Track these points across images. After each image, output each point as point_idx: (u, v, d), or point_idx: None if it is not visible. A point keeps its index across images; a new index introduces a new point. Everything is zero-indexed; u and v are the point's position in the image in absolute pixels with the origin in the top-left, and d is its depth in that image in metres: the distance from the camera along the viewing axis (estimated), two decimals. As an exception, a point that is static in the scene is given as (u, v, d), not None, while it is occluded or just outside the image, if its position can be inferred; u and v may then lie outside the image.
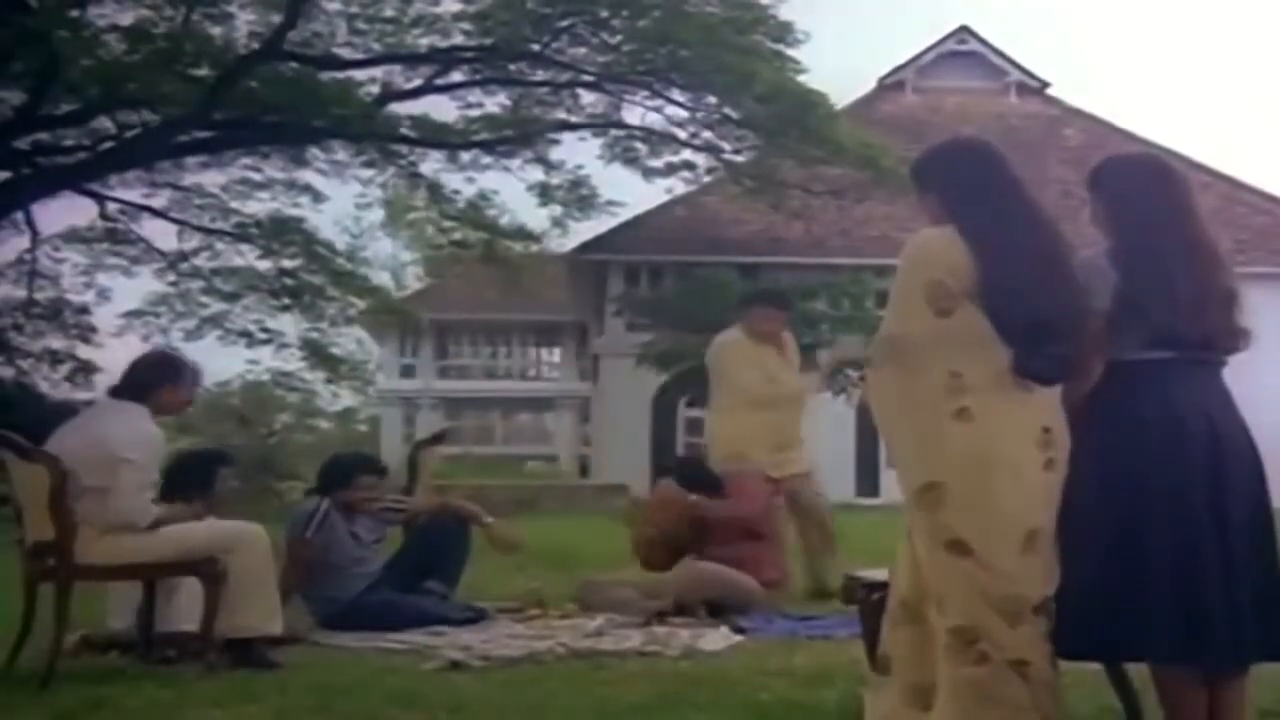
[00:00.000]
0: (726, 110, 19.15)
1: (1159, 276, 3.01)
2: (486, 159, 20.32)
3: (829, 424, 20.65)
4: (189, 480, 5.39)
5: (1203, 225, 3.14)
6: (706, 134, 19.96)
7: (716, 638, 5.20)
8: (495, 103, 19.95)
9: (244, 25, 17.92)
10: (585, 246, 23.60)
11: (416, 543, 6.25)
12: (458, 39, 18.82)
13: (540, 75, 19.46)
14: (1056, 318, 2.98)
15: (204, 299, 21.10)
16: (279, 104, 17.42)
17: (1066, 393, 3.06)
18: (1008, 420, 2.96)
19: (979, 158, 3.21)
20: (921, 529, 3.01)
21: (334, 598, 5.78)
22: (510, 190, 21.54)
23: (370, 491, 6.06)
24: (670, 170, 20.46)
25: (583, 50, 18.77)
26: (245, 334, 21.13)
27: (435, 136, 19.55)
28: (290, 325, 21.60)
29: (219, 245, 21.08)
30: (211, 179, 20.52)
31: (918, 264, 3.06)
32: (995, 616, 2.90)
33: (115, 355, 18.54)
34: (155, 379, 4.71)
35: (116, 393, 4.73)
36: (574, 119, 20.15)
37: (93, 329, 20.87)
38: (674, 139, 19.99)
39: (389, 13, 18.55)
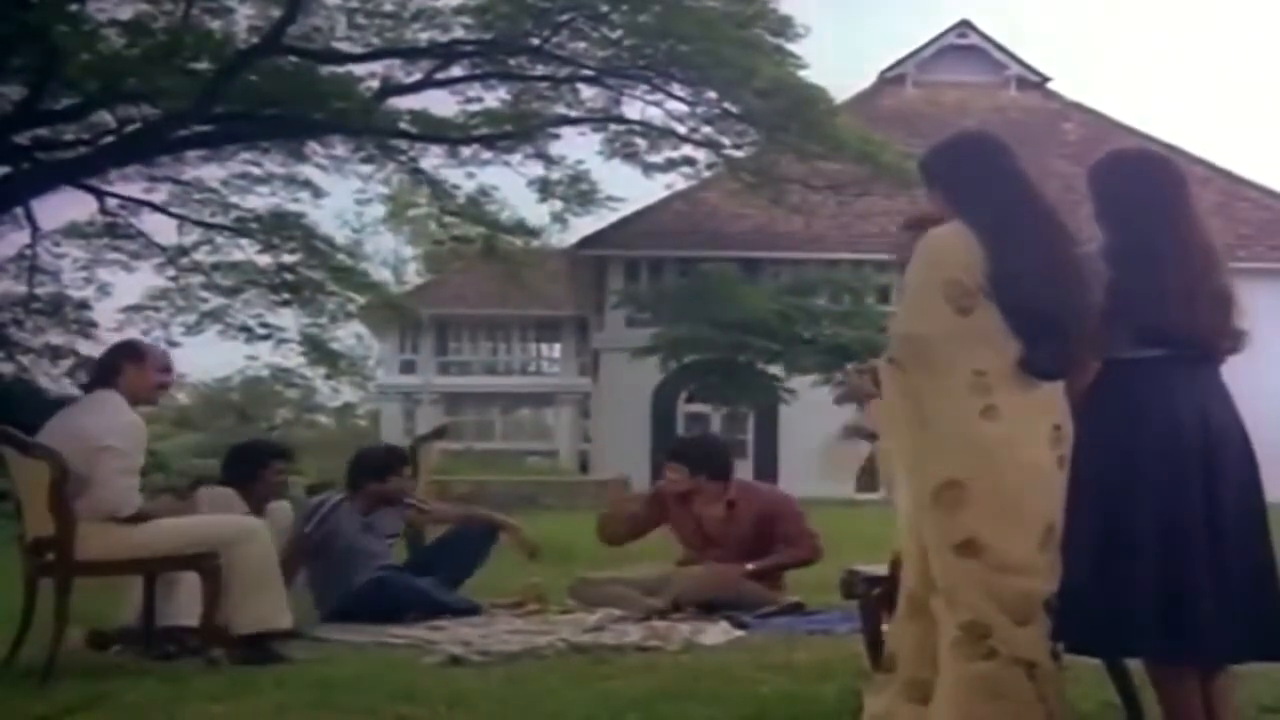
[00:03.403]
0: (726, 105, 19.17)
1: (1150, 275, 2.99)
2: (486, 154, 20.33)
3: (829, 421, 20.71)
4: (239, 471, 5.45)
5: (1198, 223, 3.13)
6: (706, 129, 19.98)
7: (716, 633, 5.20)
8: (495, 97, 19.98)
9: (243, 19, 17.95)
10: (585, 242, 23.61)
11: (433, 549, 6.28)
12: (458, 33, 18.82)
13: (540, 70, 19.46)
14: (1062, 312, 2.98)
15: (204, 294, 21.11)
16: (278, 98, 17.43)
17: (1065, 390, 3.06)
18: (1029, 417, 2.97)
19: (986, 151, 3.21)
20: (936, 525, 2.99)
21: (337, 589, 5.80)
22: (510, 185, 21.56)
23: (404, 482, 6.15)
24: (670, 165, 20.48)
25: (582, 45, 18.78)
26: (245, 329, 21.14)
27: (435, 131, 19.55)
28: (290, 320, 21.64)
29: (219, 240, 21.07)
30: (211, 173, 20.54)
31: (934, 263, 3.05)
32: (1006, 614, 2.90)
33: (115, 350, 18.52)
34: (116, 361, 4.73)
35: (88, 387, 4.80)
36: (574, 114, 20.16)
37: (93, 324, 20.89)
38: (674, 134, 20.01)
39: (388, 7, 18.56)
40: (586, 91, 19.95)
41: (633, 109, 19.93)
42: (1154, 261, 3.00)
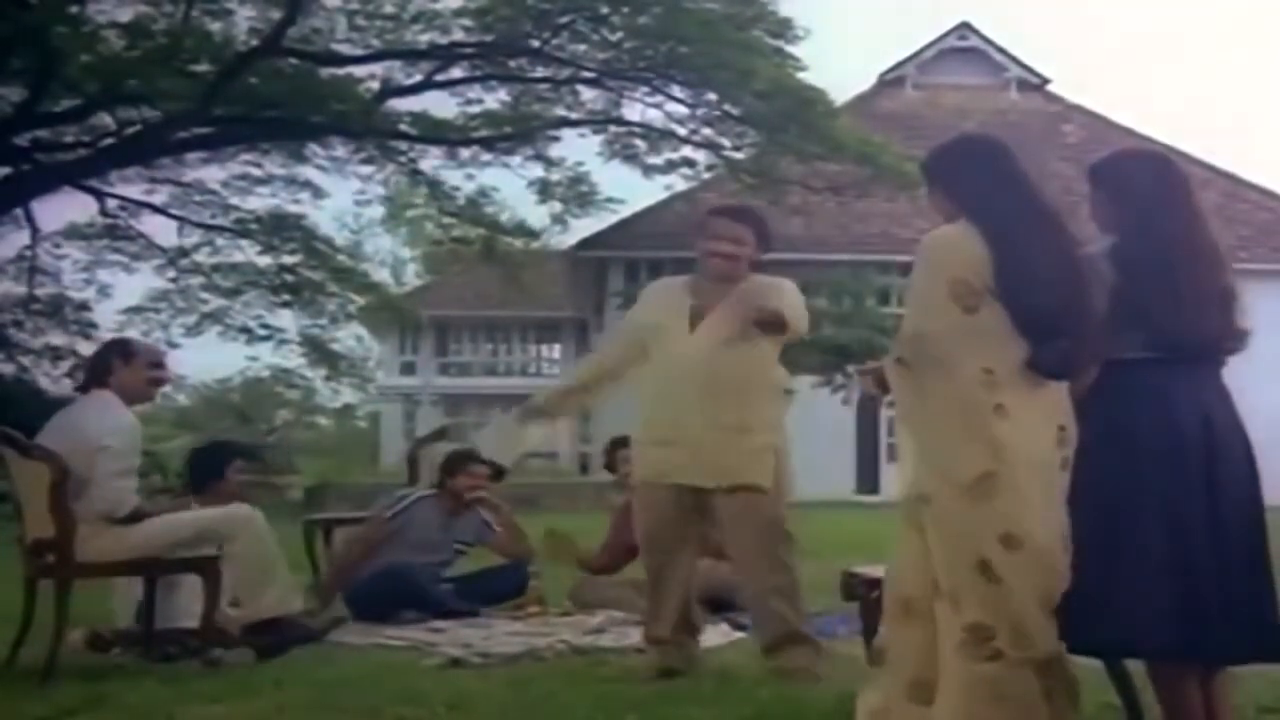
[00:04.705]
0: (726, 107, 19.15)
1: (1160, 277, 3.00)
2: (486, 155, 20.32)
3: (828, 421, 20.71)
4: (203, 471, 5.47)
5: (1204, 224, 3.13)
6: (706, 130, 19.95)
7: (716, 634, 5.21)
8: (495, 99, 19.97)
9: (244, 21, 17.93)
10: (585, 243, 23.59)
11: (471, 578, 6.31)
12: (458, 35, 18.81)
13: (540, 71, 19.46)
14: (1066, 312, 2.99)
15: (204, 295, 21.12)
16: (279, 100, 17.43)
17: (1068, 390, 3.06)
18: (1036, 417, 2.98)
19: (989, 154, 3.22)
20: (963, 523, 2.97)
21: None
22: (510, 187, 21.55)
23: (478, 479, 6.19)
24: (670, 167, 20.45)
25: (583, 46, 18.76)
26: (245, 330, 21.16)
27: (435, 133, 19.55)
28: (290, 321, 21.66)
29: (219, 241, 21.09)
30: (211, 175, 20.56)
31: (940, 262, 3.05)
32: (1023, 613, 2.90)
33: (115, 352, 18.54)
34: (107, 360, 4.74)
35: (82, 388, 4.81)
36: (574, 115, 20.14)
37: (93, 325, 20.88)
38: (673, 135, 19.99)
39: (389, 9, 18.55)
40: (586, 93, 19.95)
41: (633, 111, 19.94)
42: (1163, 264, 3.00)
